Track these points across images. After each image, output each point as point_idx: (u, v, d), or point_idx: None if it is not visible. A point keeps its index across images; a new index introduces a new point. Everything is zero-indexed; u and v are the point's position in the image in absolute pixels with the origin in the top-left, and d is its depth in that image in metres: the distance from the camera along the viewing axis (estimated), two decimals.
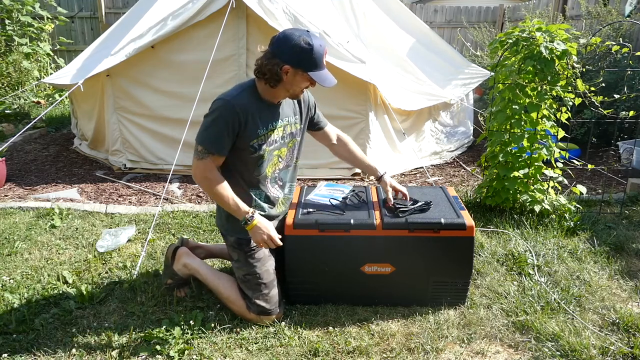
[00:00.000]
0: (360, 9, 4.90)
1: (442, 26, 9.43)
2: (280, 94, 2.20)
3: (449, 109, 5.22)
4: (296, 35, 2.05)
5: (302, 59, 2.06)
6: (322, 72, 2.11)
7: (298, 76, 2.10)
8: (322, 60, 2.10)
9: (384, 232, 2.31)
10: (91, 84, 4.30)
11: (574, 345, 2.15)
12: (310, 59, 2.06)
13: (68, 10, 8.68)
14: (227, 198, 2.16)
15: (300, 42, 2.03)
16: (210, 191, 2.19)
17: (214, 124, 2.11)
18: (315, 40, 2.06)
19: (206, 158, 2.13)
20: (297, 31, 2.08)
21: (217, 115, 2.10)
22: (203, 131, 2.14)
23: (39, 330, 2.27)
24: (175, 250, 2.56)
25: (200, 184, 2.23)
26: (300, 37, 2.04)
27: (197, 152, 2.14)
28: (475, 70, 5.79)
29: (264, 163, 2.26)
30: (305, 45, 2.03)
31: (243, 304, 2.32)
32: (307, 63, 2.07)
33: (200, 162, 2.14)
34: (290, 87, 2.15)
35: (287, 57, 2.06)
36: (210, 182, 2.15)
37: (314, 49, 2.04)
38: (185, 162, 4.42)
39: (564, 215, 3.39)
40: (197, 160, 2.15)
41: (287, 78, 2.10)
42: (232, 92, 2.16)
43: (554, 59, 3.12)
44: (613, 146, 5.07)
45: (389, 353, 2.14)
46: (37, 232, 3.30)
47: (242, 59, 4.24)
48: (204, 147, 2.13)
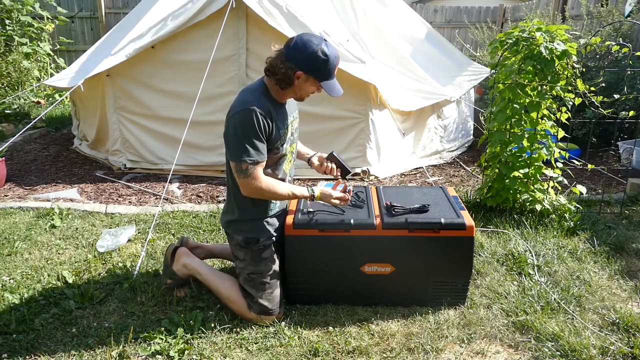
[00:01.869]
0: (361, 7, 4.90)
1: (442, 26, 9.43)
2: (288, 95, 2.24)
3: (450, 107, 5.21)
4: (314, 43, 2.07)
5: (317, 69, 2.10)
6: (332, 82, 2.17)
7: (309, 82, 2.15)
8: (335, 70, 2.16)
9: (384, 232, 2.31)
10: (92, 84, 4.30)
11: (574, 345, 2.15)
12: (325, 69, 2.11)
13: (68, 10, 8.68)
14: (285, 194, 2.23)
15: (317, 52, 2.06)
16: (269, 197, 2.24)
17: (249, 135, 2.10)
18: (332, 51, 2.10)
19: (254, 172, 2.13)
20: (315, 39, 2.10)
21: (249, 126, 2.09)
22: (240, 146, 2.10)
23: (39, 330, 2.27)
24: (174, 250, 2.56)
25: (256, 196, 2.24)
26: (318, 47, 2.07)
27: (243, 171, 2.12)
28: (476, 68, 5.79)
29: (284, 162, 2.32)
30: (322, 56, 2.07)
31: (244, 304, 2.32)
32: (321, 73, 2.12)
33: (249, 178, 2.13)
34: (299, 91, 2.20)
35: (302, 64, 2.09)
36: (263, 191, 2.17)
37: (330, 60, 2.09)
38: (185, 162, 4.43)
39: (564, 215, 3.39)
40: (244, 179, 2.14)
41: (298, 83, 2.14)
42: (250, 99, 2.14)
43: (554, 59, 3.12)
44: (613, 146, 5.07)
45: (389, 353, 2.14)
46: (37, 232, 3.30)
47: (242, 59, 4.24)
48: (249, 160, 2.11)
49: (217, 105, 4.28)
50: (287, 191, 2.23)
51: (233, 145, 2.12)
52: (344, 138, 4.35)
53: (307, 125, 4.16)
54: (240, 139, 2.10)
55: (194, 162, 4.49)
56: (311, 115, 4.25)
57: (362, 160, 4.38)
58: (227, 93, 4.27)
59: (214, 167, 4.49)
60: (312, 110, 4.23)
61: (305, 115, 4.16)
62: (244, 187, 2.17)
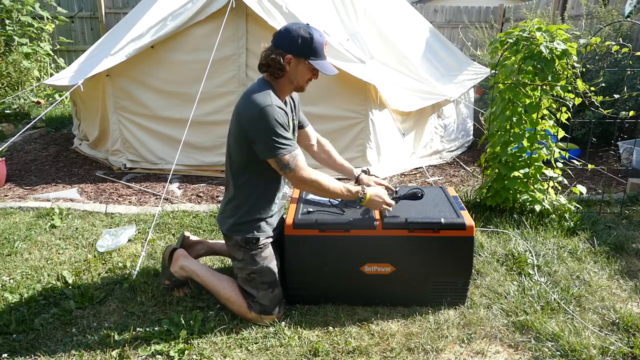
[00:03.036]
0: (361, 6, 4.90)
1: (442, 26, 9.43)
2: (285, 87, 2.25)
3: (449, 107, 5.21)
4: (296, 26, 2.18)
5: (304, 48, 2.15)
6: (324, 61, 2.21)
7: (301, 65, 2.18)
8: (323, 49, 2.20)
9: (384, 232, 2.31)
10: (92, 84, 4.30)
11: (574, 345, 2.15)
12: (311, 47, 2.16)
13: (68, 10, 8.68)
14: (337, 190, 2.23)
15: (300, 32, 2.15)
16: (321, 191, 2.24)
17: (276, 130, 2.11)
18: (315, 32, 2.18)
19: (296, 162, 2.14)
20: (297, 24, 2.20)
21: (271, 121, 2.10)
22: (274, 143, 2.11)
23: (39, 330, 2.27)
24: (172, 252, 2.56)
25: (310, 190, 2.27)
26: (301, 28, 2.16)
27: (286, 165, 2.14)
28: (476, 68, 5.79)
29: None
30: (306, 34, 2.14)
31: (243, 304, 2.32)
32: (309, 51, 2.16)
33: (295, 170, 2.15)
34: (294, 79, 2.22)
35: (288, 47, 2.15)
36: (315, 183, 2.19)
37: (314, 38, 2.16)
38: (185, 162, 4.43)
39: (564, 215, 3.39)
40: (291, 172, 2.15)
41: (290, 68, 2.18)
42: (265, 98, 2.14)
43: (554, 58, 3.12)
44: (613, 146, 5.07)
45: (389, 353, 2.14)
46: (37, 232, 3.30)
47: (242, 59, 4.24)
48: (286, 153, 2.12)
49: (216, 105, 4.28)
50: (339, 186, 2.25)
51: (265, 145, 2.13)
52: (344, 138, 4.35)
53: None
54: (269, 136, 2.12)
55: (193, 162, 4.49)
56: (311, 115, 4.22)
57: (362, 160, 4.37)
58: (226, 93, 4.27)
59: (214, 167, 4.49)
60: (312, 110, 4.23)
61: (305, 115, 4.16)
62: (294, 181, 2.20)
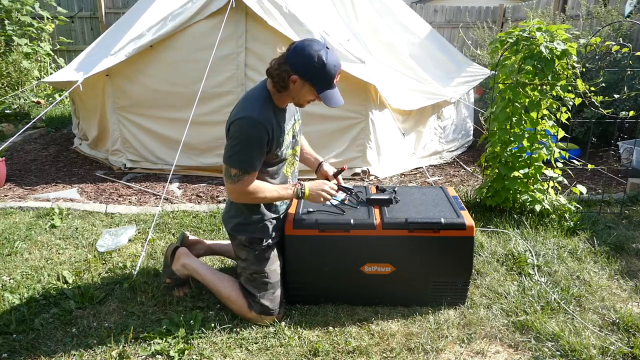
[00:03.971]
0: (361, 7, 4.90)
1: (442, 26, 9.43)
2: (286, 100, 2.21)
3: (449, 108, 5.21)
4: (314, 48, 2.03)
5: (312, 74, 2.05)
6: (331, 91, 2.11)
7: (305, 89, 2.11)
8: (333, 80, 2.09)
9: (384, 232, 2.31)
10: (92, 83, 4.30)
11: (574, 345, 2.15)
12: (320, 76, 2.05)
13: (68, 10, 8.68)
14: (272, 196, 2.21)
15: (314, 57, 2.01)
16: (255, 201, 2.23)
17: (245, 144, 2.08)
18: (331, 59, 2.04)
19: (242, 179, 2.12)
20: (316, 44, 2.05)
21: (247, 135, 2.07)
22: (235, 154, 2.09)
23: (39, 330, 2.27)
24: (174, 250, 2.56)
25: (242, 202, 2.24)
26: (317, 52, 2.02)
27: (231, 177, 2.12)
28: (476, 69, 5.79)
29: (284, 166, 2.31)
30: (317, 61, 2.01)
31: (244, 303, 2.32)
32: (316, 79, 2.06)
33: (237, 184, 2.13)
34: (296, 96, 2.16)
35: (297, 67, 2.05)
36: (249, 195, 2.16)
37: (327, 67, 2.03)
38: (185, 162, 4.42)
39: (564, 215, 3.39)
40: (232, 184, 2.13)
41: (294, 87, 2.10)
42: (253, 107, 2.11)
43: (554, 58, 3.12)
44: (613, 146, 5.07)
45: (389, 353, 2.13)
46: (37, 232, 3.30)
47: (241, 58, 4.23)
48: (239, 169, 2.10)
49: (214, 105, 4.27)
50: (274, 194, 2.21)
51: (228, 149, 2.13)
52: (344, 138, 4.34)
53: (307, 125, 4.14)
54: (236, 145, 2.09)
55: (193, 162, 4.49)
56: (311, 115, 4.24)
57: (362, 160, 4.37)
58: (225, 93, 4.27)
59: (213, 167, 4.49)
60: (312, 110, 4.21)
61: (305, 115, 4.14)
62: (230, 192, 2.17)
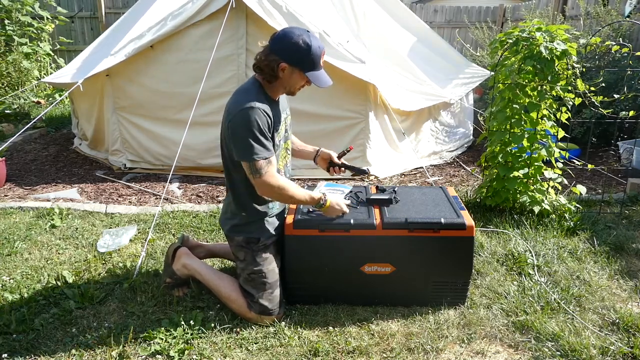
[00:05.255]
0: (361, 9, 4.90)
1: (442, 26, 9.43)
2: (278, 90, 2.23)
3: (449, 109, 5.22)
4: (295, 34, 2.08)
5: (299, 58, 2.09)
6: (319, 73, 2.15)
7: (295, 75, 2.14)
8: (320, 60, 2.14)
9: (383, 232, 2.31)
10: (91, 83, 4.30)
11: (574, 345, 2.15)
12: (307, 58, 2.10)
13: (68, 10, 8.68)
14: (301, 196, 2.22)
15: (298, 41, 2.06)
16: (285, 199, 2.25)
17: (253, 133, 2.08)
18: (314, 41, 2.09)
19: (268, 168, 2.12)
20: (297, 30, 2.11)
21: (254, 123, 2.07)
22: (248, 145, 2.08)
23: (39, 330, 2.27)
24: (175, 250, 2.56)
25: (273, 197, 2.25)
26: (300, 37, 2.07)
27: (258, 170, 2.10)
28: (475, 70, 5.79)
29: (278, 158, 2.31)
30: (303, 45, 2.07)
31: (244, 303, 2.32)
32: (304, 62, 2.10)
33: (265, 176, 2.12)
34: (287, 85, 2.18)
35: (284, 55, 2.09)
36: (281, 190, 2.17)
37: (312, 49, 2.08)
38: (184, 163, 4.42)
39: (564, 215, 3.39)
40: (259, 178, 2.12)
41: (284, 76, 2.14)
42: (247, 98, 2.12)
43: (553, 58, 3.12)
44: (613, 146, 5.07)
45: (389, 353, 2.14)
46: (37, 232, 3.30)
47: (242, 59, 4.23)
48: (261, 158, 2.09)
49: (214, 106, 4.26)
50: (303, 196, 2.24)
51: (240, 146, 2.11)
52: (344, 138, 4.34)
53: (306, 125, 4.17)
54: (246, 138, 2.08)
55: (192, 163, 4.49)
56: (311, 115, 4.25)
57: (362, 160, 4.37)
58: (225, 93, 4.26)
59: (213, 167, 4.49)
60: (312, 110, 4.24)
61: (305, 115, 4.17)
62: (260, 187, 2.16)
